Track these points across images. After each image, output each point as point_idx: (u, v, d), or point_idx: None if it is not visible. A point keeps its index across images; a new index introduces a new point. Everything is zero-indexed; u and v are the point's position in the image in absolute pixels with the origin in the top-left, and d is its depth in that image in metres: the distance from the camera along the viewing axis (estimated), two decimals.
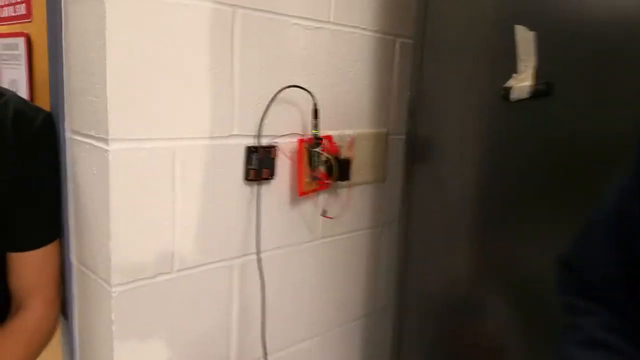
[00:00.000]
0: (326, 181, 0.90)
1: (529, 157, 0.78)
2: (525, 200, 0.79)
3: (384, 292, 1.15)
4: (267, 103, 0.82)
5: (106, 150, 0.66)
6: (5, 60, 1.09)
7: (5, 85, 1.12)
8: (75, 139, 0.73)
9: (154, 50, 0.68)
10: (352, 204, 1.00)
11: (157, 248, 0.72)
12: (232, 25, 0.76)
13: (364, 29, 0.97)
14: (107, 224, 0.67)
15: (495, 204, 0.84)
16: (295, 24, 0.84)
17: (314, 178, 0.89)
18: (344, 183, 0.95)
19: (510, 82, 0.77)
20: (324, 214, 0.92)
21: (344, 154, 0.95)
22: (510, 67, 0.77)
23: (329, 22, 0.90)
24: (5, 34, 1.08)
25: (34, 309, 0.72)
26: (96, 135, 0.68)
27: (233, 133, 0.79)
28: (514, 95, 0.77)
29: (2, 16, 1.09)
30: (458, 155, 0.88)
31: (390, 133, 1.08)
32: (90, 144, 0.69)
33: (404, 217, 0.97)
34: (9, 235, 0.70)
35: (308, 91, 0.85)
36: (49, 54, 0.75)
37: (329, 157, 0.89)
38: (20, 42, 1.02)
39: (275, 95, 0.82)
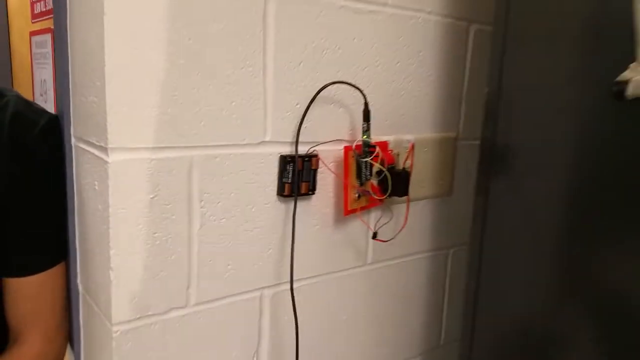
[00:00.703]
0: (378, 197, 0.74)
1: None
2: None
3: (449, 326, 0.98)
4: (308, 103, 0.68)
5: (105, 162, 0.55)
6: (37, 59, 1.03)
7: (37, 87, 1.05)
8: (80, 147, 0.62)
9: (164, 40, 0.56)
10: (410, 223, 0.84)
11: (170, 279, 0.60)
12: (264, 10, 0.62)
13: (429, 12, 0.80)
14: (107, 251, 0.56)
15: (596, 225, 0.65)
16: (342, 6, 0.69)
17: (364, 193, 0.73)
18: (401, 198, 0.79)
19: (626, 74, 0.58)
20: (375, 236, 0.77)
21: (402, 163, 0.78)
22: (626, 55, 0.58)
23: (386, 4, 0.74)
24: (37, 31, 1.01)
25: (30, 344, 0.62)
26: (97, 143, 0.57)
27: (265, 140, 0.65)
28: (632, 90, 0.58)
29: (35, 12, 1.02)
30: (548, 165, 0.70)
31: (460, 138, 0.90)
32: (92, 153, 0.58)
33: (476, 239, 0.80)
34: (3, 258, 0.61)
35: (358, 88, 0.70)
36: (55, 47, 0.66)
37: (383, 168, 0.73)
38: (48, 39, 0.94)
39: (318, 94, 0.68)
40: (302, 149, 0.68)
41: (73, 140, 0.65)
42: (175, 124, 0.58)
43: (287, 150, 0.67)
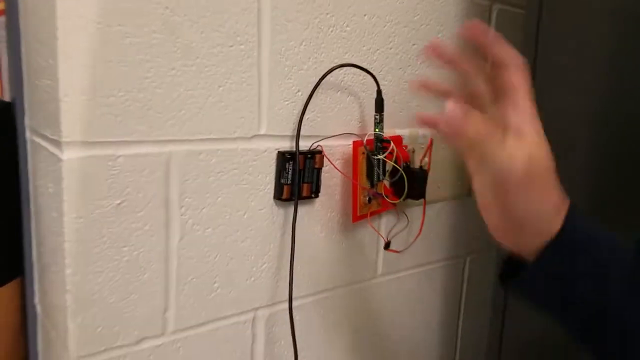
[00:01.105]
0: (392, 200, 0.64)
1: None
2: None
3: (464, 342, 0.88)
4: (310, 90, 0.57)
5: (59, 159, 0.44)
6: (2, 42, 0.91)
7: (4, 73, 0.93)
8: (35, 141, 0.51)
9: (134, 9, 0.45)
10: (425, 229, 0.74)
11: (142, 302, 0.49)
12: None
13: None
14: (63, 270, 0.45)
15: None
16: None
17: (375, 196, 0.63)
18: (416, 201, 0.69)
19: None
20: (387, 247, 0.66)
21: (419, 161, 0.68)
22: None
23: None
24: (2, 10, 0.89)
25: None
26: (50, 137, 0.46)
27: (259, 133, 0.55)
28: None
29: None
30: (590, 163, 0.60)
31: None
32: (46, 148, 0.47)
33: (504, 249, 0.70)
34: None
35: (370, 73, 0.60)
36: (6, 21, 0.55)
37: (398, 166, 0.62)
38: None
39: (322, 79, 0.57)
40: (304, 144, 0.57)
41: (28, 133, 0.54)
42: (148, 113, 0.47)
43: (286, 145, 0.57)
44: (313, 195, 0.59)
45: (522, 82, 0.38)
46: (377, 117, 0.60)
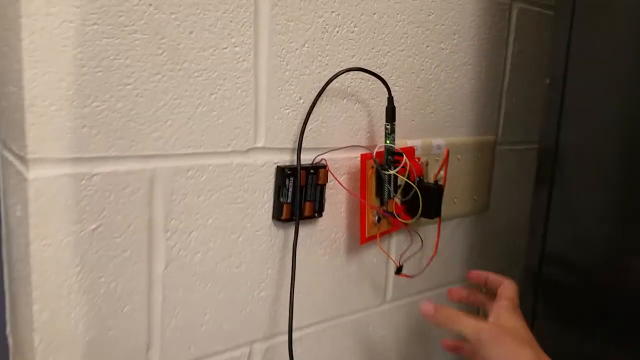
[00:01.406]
0: (404, 220, 0.58)
1: None
2: None
3: None
4: (314, 98, 0.51)
5: (24, 179, 0.38)
6: None
7: None
8: (5, 156, 0.46)
9: (112, 6, 0.39)
10: (439, 248, 0.67)
11: (121, 339, 0.43)
12: None
13: None
14: (30, 305, 0.40)
15: None
16: None
17: (385, 215, 0.57)
18: (430, 219, 0.62)
19: None
20: (399, 271, 0.60)
21: (434, 176, 0.62)
22: None
23: None
24: None
25: None
26: (17, 152, 0.40)
27: (256, 146, 0.49)
28: None
29: None
30: (624, 163, 0.54)
31: (499, 142, 0.74)
32: (14, 165, 0.42)
33: (532, 264, 0.63)
34: None
35: (381, 78, 0.54)
36: None
37: (411, 182, 0.56)
38: None
39: (327, 85, 0.51)
40: (306, 158, 0.52)
41: None
42: (128, 125, 0.41)
43: (286, 159, 0.51)
44: (316, 215, 0.53)
45: (511, 292, 0.51)
46: (387, 127, 0.54)
